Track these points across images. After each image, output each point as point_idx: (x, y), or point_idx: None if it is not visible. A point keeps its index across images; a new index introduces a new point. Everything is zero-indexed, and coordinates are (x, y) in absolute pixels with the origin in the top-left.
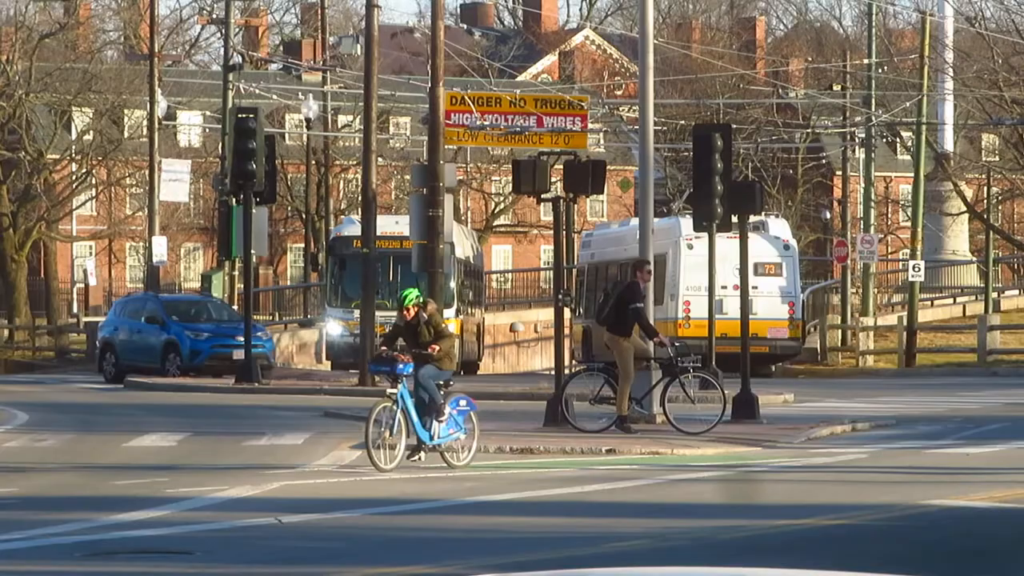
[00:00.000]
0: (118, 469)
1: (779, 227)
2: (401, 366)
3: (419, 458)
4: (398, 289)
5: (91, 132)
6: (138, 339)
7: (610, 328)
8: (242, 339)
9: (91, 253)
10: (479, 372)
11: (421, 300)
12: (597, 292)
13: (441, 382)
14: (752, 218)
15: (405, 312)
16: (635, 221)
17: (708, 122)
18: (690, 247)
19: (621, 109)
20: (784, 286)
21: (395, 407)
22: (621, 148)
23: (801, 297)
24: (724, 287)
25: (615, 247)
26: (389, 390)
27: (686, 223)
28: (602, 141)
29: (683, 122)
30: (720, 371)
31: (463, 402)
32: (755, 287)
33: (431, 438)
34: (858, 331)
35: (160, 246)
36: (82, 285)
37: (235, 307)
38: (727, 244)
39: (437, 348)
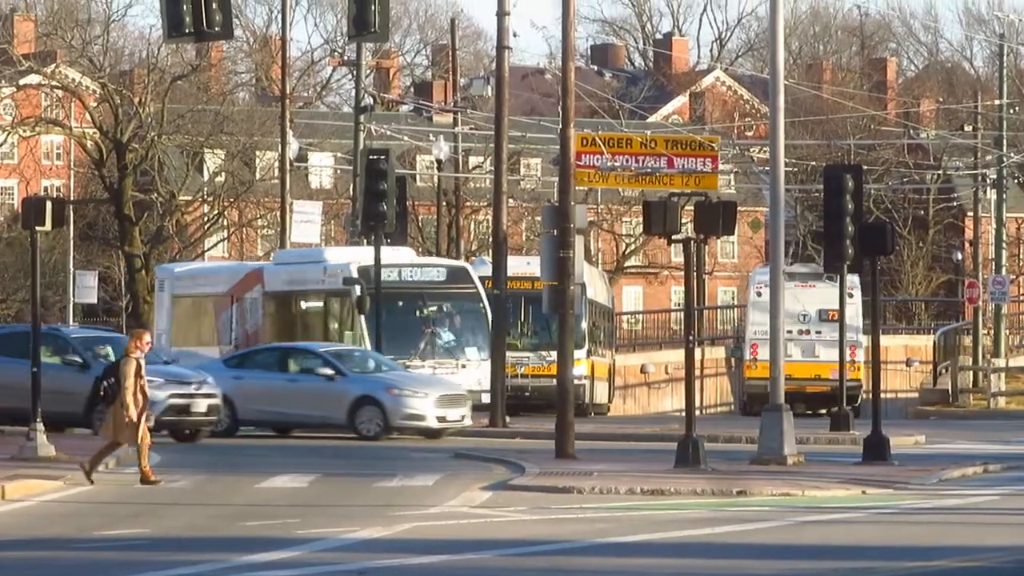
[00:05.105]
0: (249, 510)
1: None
2: None
3: None
4: (529, 330)
5: (223, 173)
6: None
7: None
8: None
9: None
10: (609, 414)
11: None
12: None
13: None
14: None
15: None
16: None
17: (839, 163)
18: (759, 294)
19: (752, 150)
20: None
21: None
22: (752, 189)
23: (863, 341)
24: (789, 331)
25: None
26: None
27: (761, 271)
28: (732, 182)
29: (814, 163)
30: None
31: None
32: (819, 332)
33: None
34: (989, 372)
35: None
36: None
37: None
38: (793, 292)
39: None
